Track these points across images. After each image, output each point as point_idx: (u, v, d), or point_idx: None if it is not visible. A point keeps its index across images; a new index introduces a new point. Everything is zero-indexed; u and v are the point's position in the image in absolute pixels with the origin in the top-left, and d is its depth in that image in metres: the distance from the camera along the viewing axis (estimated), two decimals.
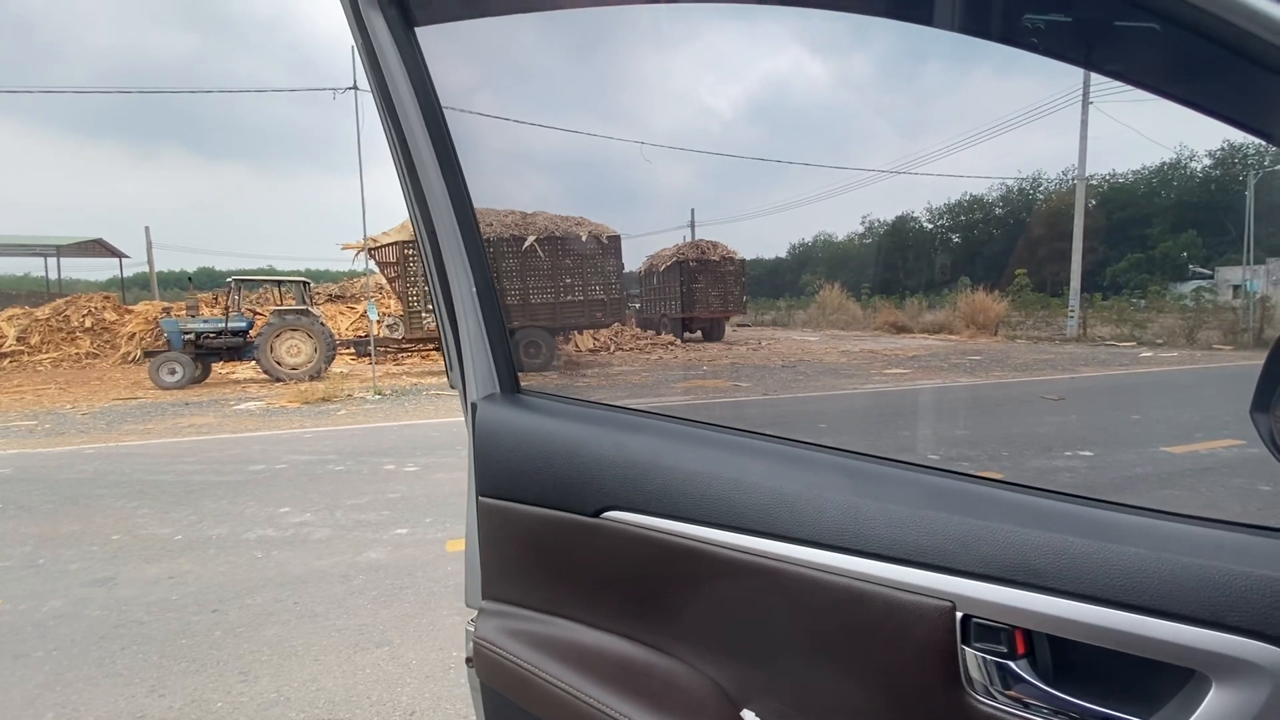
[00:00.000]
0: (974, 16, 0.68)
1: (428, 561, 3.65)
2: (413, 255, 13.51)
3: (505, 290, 13.17)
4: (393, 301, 18.16)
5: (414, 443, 6.87)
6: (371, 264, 14.22)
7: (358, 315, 20.43)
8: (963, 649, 0.62)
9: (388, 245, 13.69)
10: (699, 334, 17.25)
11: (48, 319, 17.51)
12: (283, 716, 2.32)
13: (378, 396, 10.42)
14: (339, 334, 17.63)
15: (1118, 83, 0.66)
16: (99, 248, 37.02)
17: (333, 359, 13.33)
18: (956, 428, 6.59)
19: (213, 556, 3.79)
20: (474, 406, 1.00)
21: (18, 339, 16.78)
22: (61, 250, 35.49)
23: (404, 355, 16.19)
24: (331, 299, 24.14)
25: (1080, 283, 14.68)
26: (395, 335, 15.27)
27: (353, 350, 15.51)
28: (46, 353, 16.75)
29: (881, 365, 10.88)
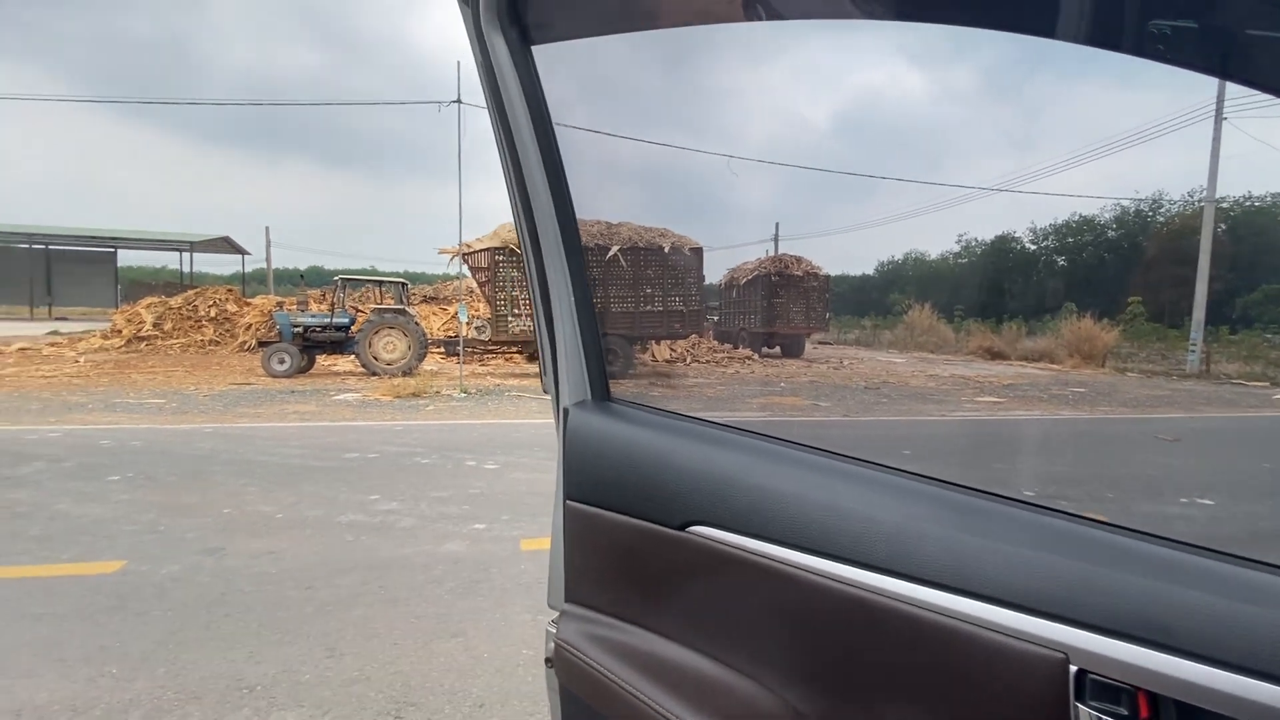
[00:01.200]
0: (1093, 24, 0.63)
1: (503, 558, 3.76)
2: (502, 261, 14.05)
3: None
4: (482, 305, 18.91)
5: (495, 441, 7.11)
6: (465, 268, 14.89)
7: (449, 316, 21.39)
8: (1076, 706, 0.58)
9: (481, 251, 14.29)
10: (777, 350, 16.94)
11: (179, 308, 19.36)
12: (363, 694, 2.45)
13: (463, 395, 10.86)
14: (431, 333, 18.50)
15: (1259, 93, 0.60)
16: (225, 245, 40.61)
17: (424, 357, 14.01)
18: (1055, 464, 6.15)
19: (309, 536, 4.06)
20: (565, 412, 1.02)
21: (154, 324, 18.65)
22: (194, 246, 39.19)
23: (489, 356, 16.81)
24: (426, 300, 25.42)
25: (1205, 314, 13.37)
26: (482, 337, 15.89)
27: (443, 349, 16.26)
28: (177, 338, 18.51)
29: (973, 392, 10.30)
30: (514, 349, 16.36)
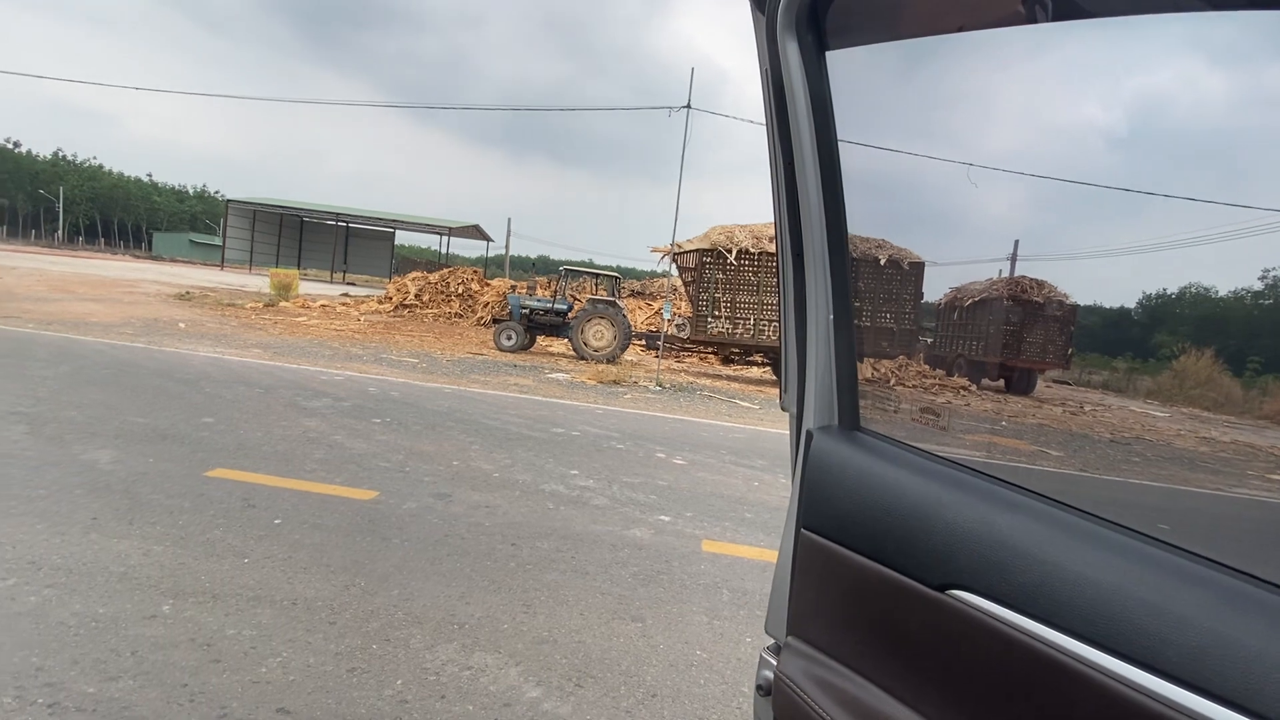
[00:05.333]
0: None
1: (684, 554, 3.83)
2: (709, 264, 14.28)
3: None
4: (684, 304, 19.43)
5: (684, 437, 7.27)
6: (673, 267, 15.39)
7: (652, 312, 22.32)
8: None
9: (690, 252, 14.67)
10: (1001, 383, 15.03)
11: (435, 283, 22.64)
12: (550, 656, 2.65)
13: (659, 388, 11.26)
14: (635, 326, 19.47)
15: None
16: (475, 232, 46.56)
17: (627, 347, 14.79)
18: None
19: (518, 498, 4.50)
20: (809, 435, 0.97)
21: (415, 295, 22.03)
22: (450, 231, 45.51)
23: (686, 354, 17.24)
24: (633, 294, 26.82)
25: None
26: (682, 335, 16.33)
27: (644, 342, 17.03)
28: (430, 308, 21.68)
29: (1265, 466, 8.18)
30: (710, 349, 16.56)
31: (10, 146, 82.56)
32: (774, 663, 0.95)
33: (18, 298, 13.47)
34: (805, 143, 0.91)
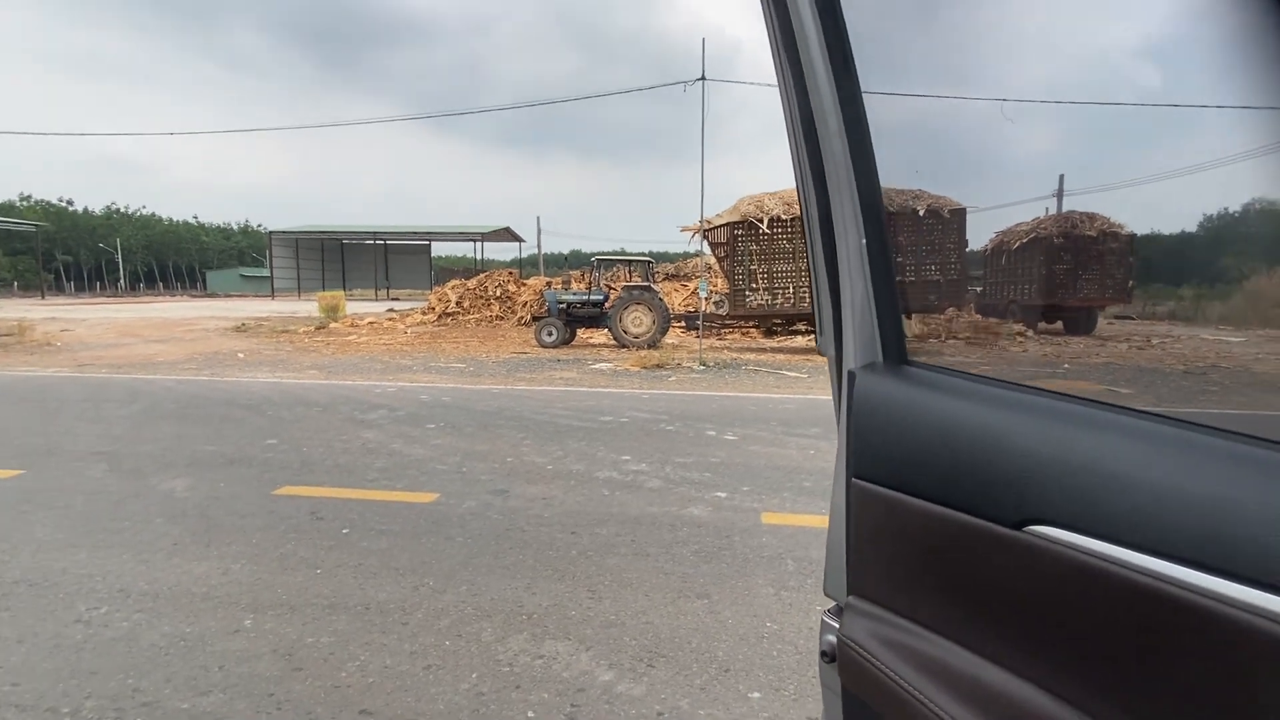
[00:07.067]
0: None
1: (744, 529, 3.77)
2: (741, 236, 14.04)
3: None
4: (720, 280, 19.19)
5: (732, 413, 7.18)
6: (705, 245, 15.20)
7: (689, 292, 22.15)
8: None
9: (720, 227, 14.46)
10: (1059, 325, 14.38)
11: (474, 289, 22.99)
12: (619, 639, 2.65)
13: (703, 368, 11.16)
14: (673, 308, 19.37)
15: None
16: (507, 234, 46.99)
17: (667, 330, 14.72)
18: None
19: (573, 487, 4.52)
20: (851, 376, 0.88)
21: (456, 303, 22.43)
22: (484, 237, 46.10)
23: (726, 331, 17.04)
24: (668, 277, 26.68)
25: None
26: (720, 312, 16.16)
27: (683, 324, 16.91)
28: (472, 314, 22.04)
29: None
30: (750, 324, 16.33)
31: (65, 205, 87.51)
32: (836, 625, 0.88)
33: (91, 346, 14.30)
34: (821, 78, 0.83)
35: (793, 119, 0.92)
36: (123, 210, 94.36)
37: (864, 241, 0.87)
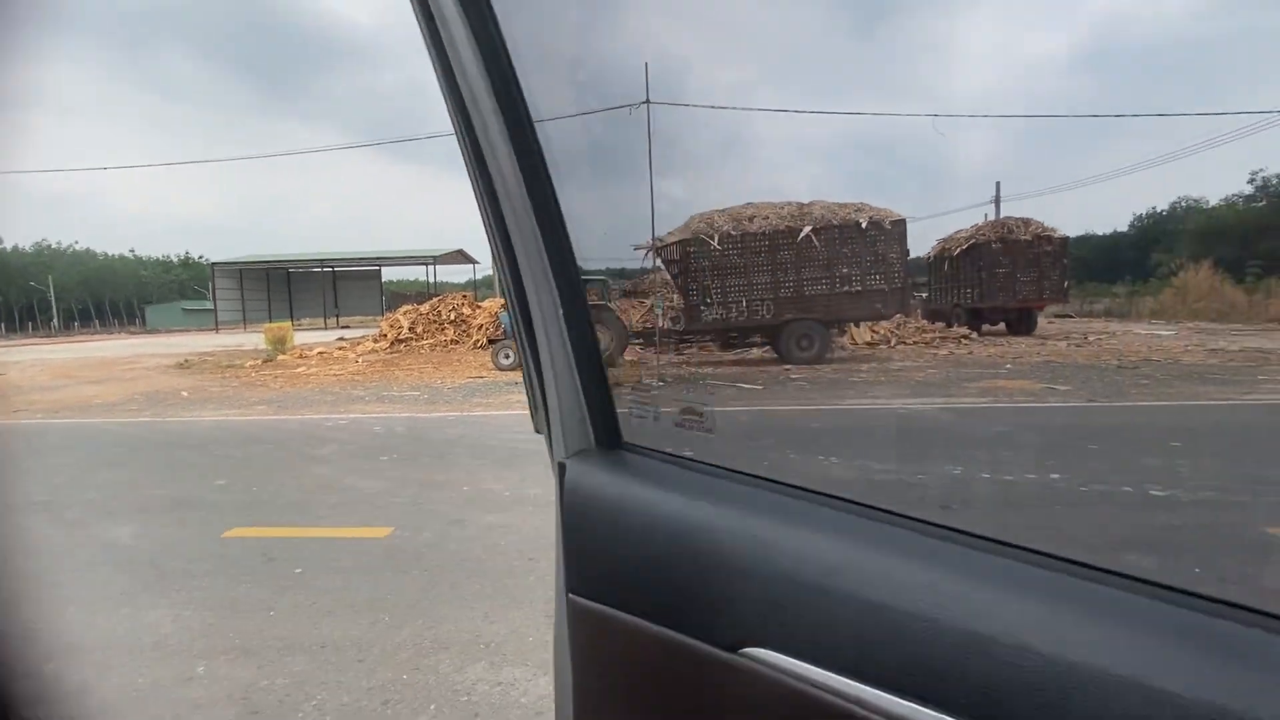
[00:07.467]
0: None
1: None
2: (694, 253, 14.37)
3: (779, 283, 13.27)
4: (676, 296, 19.49)
5: None
6: (658, 263, 15.48)
7: (646, 310, 22.39)
8: None
9: (674, 244, 14.76)
10: (1001, 326, 15.05)
11: (427, 313, 22.74)
12: None
13: (661, 383, 11.33)
14: (632, 326, 19.52)
15: None
16: (460, 257, 46.58)
17: (625, 348, 14.87)
18: None
19: (531, 513, 4.57)
20: (561, 468, 0.78)
21: (409, 328, 22.15)
22: (436, 260, 45.60)
23: (686, 346, 17.32)
24: (624, 295, 26.89)
25: None
26: (677, 328, 16.44)
27: (642, 340, 17.10)
28: (426, 339, 21.79)
29: (1278, 369, 8.20)
30: (708, 338, 16.66)
31: None
32: None
33: (23, 390, 13.63)
34: (479, 89, 0.70)
35: (478, 190, 0.80)
36: (55, 246, 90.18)
37: (561, 319, 0.78)
